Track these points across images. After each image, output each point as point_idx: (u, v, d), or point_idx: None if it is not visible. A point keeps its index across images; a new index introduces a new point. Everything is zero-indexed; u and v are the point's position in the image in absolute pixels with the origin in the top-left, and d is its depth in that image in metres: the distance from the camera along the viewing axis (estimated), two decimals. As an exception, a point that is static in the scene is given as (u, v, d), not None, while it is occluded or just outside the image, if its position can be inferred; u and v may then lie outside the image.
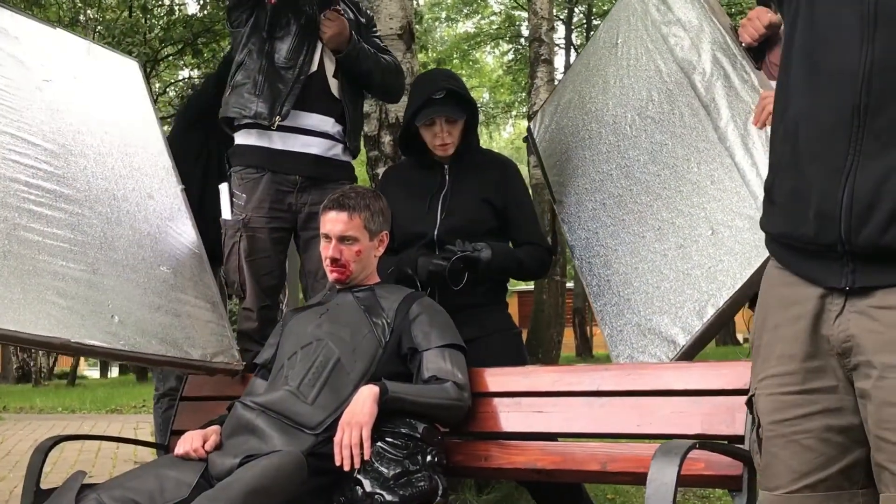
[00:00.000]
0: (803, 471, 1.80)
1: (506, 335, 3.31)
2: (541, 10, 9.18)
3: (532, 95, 9.13)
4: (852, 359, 1.74)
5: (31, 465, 2.86)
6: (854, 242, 1.69)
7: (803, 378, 1.80)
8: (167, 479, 2.55)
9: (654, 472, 1.94)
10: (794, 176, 1.79)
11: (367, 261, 3.01)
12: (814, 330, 1.79)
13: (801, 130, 1.77)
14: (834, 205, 1.69)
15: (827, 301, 1.78)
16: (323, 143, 3.71)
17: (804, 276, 1.81)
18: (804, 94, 1.78)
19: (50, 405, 13.47)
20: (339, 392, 2.73)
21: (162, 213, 3.50)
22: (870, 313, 1.71)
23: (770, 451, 1.85)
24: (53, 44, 3.61)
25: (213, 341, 3.22)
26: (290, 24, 3.66)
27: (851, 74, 1.68)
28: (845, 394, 1.77)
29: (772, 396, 1.86)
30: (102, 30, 16.88)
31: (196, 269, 3.45)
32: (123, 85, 3.89)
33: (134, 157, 3.59)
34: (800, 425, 1.80)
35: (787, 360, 1.83)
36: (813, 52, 1.77)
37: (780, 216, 1.85)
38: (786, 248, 1.86)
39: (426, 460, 2.58)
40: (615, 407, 2.62)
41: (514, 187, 3.43)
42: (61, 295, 2.78)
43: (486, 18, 25.21)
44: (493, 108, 26.29)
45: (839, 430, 1.77)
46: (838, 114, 1.70)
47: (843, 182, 1.69)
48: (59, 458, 6.88)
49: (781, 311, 1.86)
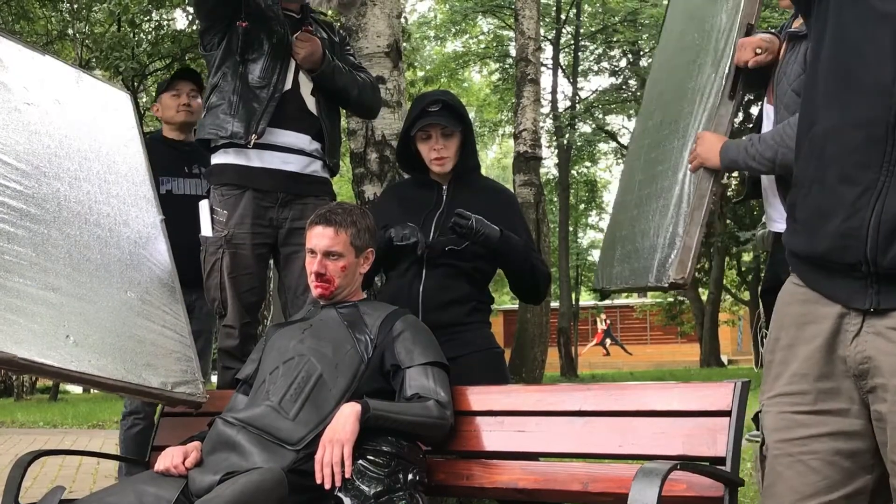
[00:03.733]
0: (807, 493, 1.77)
1: (487, 354, 3.30)
2: (528, 31, 9.23)
3: (518, 115, 9.15)
4: (869, 381, 1.72)
5: (10, 480, 2.84)
6: (880, 263, 1.67)
7: (815, 398, 1.78)
8: (146, 495, 2.53)
9: (635, 493, 1.94)
10: (819, 192, 1.76)
11: (352, 277, 3.01)
12: (829, 350, 1.77)
13: (829, 146, 1.74)
14: (861, 223, 1.67)
15: (844, 321, 1.76)
16: (301, 160, 3.72)
17: (825, 294, 1.79)
18: (833, 108, 1.75)
19: (31, 420, 13.35)
20: (321, 408, 2.72)
21: (136, 241, 3.46)
22: (887, 335, 1.69)
23: (775, 469, 1.83)
24: (40, 69, 3.57)
25: (175, 371, 3.15)
26: (262, 45, 3.68)
27: (885, 91, 1.65)
28: (857, 417, 1.75)
29: (781, 414, 1.83)
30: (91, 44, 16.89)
31: (165, 298, 3.39)
32: (111, 114, 3.86)
33: (113, 184, 3.55)
34: (807, 446, 1.78)
35: (800, 379, 1.80)
36: (843, 66, 1.74)
37: (803, 233, 1.82)
38: (807, 265, 1.83)
39: (408, 479, 2.57)
40: (597, 427, 2.61)
41: (510, 215, 3.40)
42: (14, 311, 2.70)
43: (474, 38, 25.32)
44: (481, 126, 26.38)
45: (847, 455, 1.76)
46: (870, 130, 1.67)
47: (872, 201, 1.66)
48: (39, 473, 6.83)
49: (797, 329, 1.84)
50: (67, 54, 18.20)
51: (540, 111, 10.31)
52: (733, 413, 2.36)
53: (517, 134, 9.15)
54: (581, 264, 29.98)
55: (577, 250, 29.16)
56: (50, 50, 16.18)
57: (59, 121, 3.49)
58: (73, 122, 3.57)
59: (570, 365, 22.53)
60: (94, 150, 3.58)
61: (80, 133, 3.57)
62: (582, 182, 27.97)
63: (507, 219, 3.35)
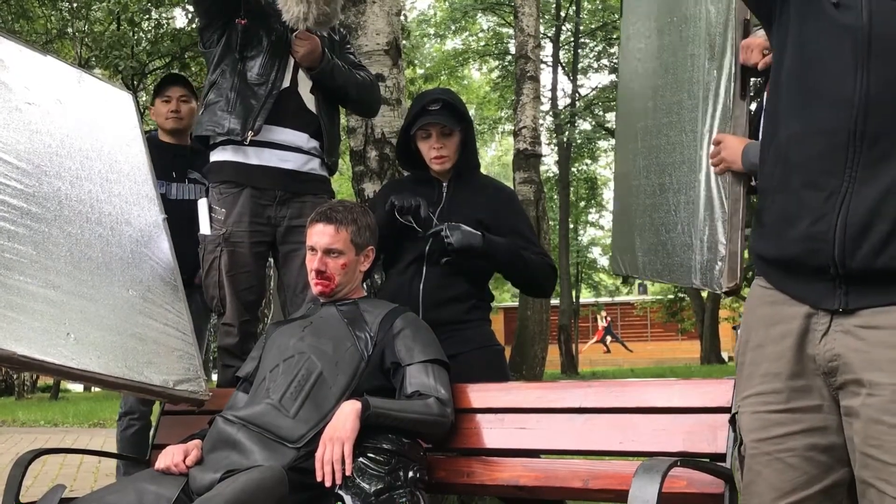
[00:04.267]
0: (786, 489, 1.80)
1: (487, 351, 3.29)
2: (527, 28, 9.23)
3: (518, 112, 9.15)
4: (838, 377, 1.75)
5: (11, 479, 2.84)
6: (848, 265, 1.70)
7: (788, 397, 1.81)
8: (147, 494, 2.53)
9: (635, 490, 1.94)
10: (785, 198, 1.80)
11: (352, 275, 3.01)
12: (799, 349, 1.80)
13: (793, 154, 1.78)
14: (828, 228, 1.71)
15: (812, 320, 1.79)
16: (299, 158, 3.71)
17: (793, 296, 1.82)
18: (796, 118, 1.78)
19: (32, 419, 13.38)
20: (322, 406, 2.72)
21: (138, 240, 3.46)
22: (855, 332, 1.72)
23: (753, 468, 1.86)
24: (42, 70, 3.56)
25: (178, 369, 3.15)
26: (261, 42, 3.68)
27: (846, 101, 1.69)
28: (829, 413, 1.78)
29: (756, 414, 1.86)
30: (90, 42, 16.89)
31: (167, 297, 3.39)
32: (113, 114, 3.85)
33: (115, 183, 3.54)
34: (783, 444, 1.81)
35: (772, 379, 1.84)
36: (804, 75, 1.78)
37: (769, 238, 1.86)
38: (774, 268, 1.87)
39: (408, 476, 2.57)
40: (598, 424, 2.62)
41: (510, 212, 3.40)
42: (14, 309, 2.69)
43: (474, 35, 25.32)
44: (480, 124, 26.37)
45: (822, 449, 1.79)
46: (833, 139, 1.71)
47: (837, 206, 1.70)
48: (40, 472, 6.84)
49: (765, 329, 1.87)
50: (67, 53, 18.22)
51: (540, 108, 10.30)
52: (734, 410, 2.36)
53: (517, 131, 9.15)
54: (581, 262, 30.00)
55: (577, 248, 29.18)
56: (50, 49, 16.22)
57: (60, 120, 3.48)
58: (75, 122, 3.56)
59: (570, 362, 22.54)
60: (95, 150, 3.57)
61: (81, 132, 3.56)
62: (582, 179, 27.97)
63: (507, 216, 3.35)
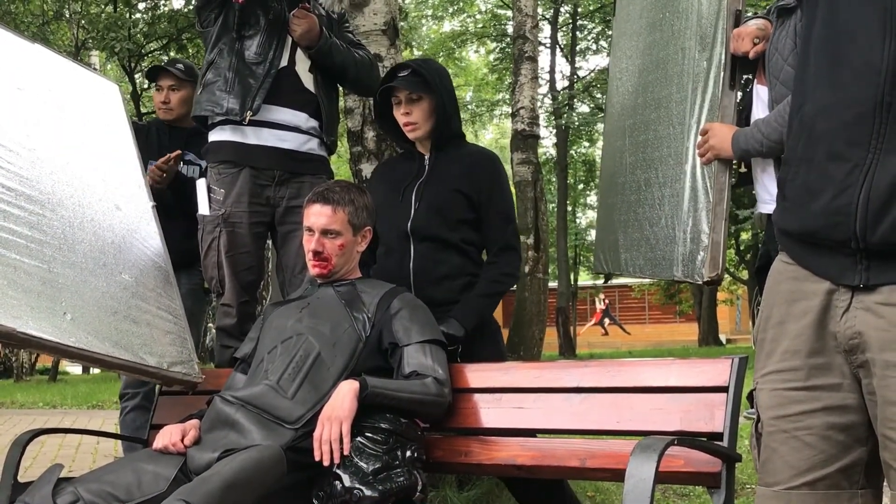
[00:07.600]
0: (803, 468, 1.80)
1: (484, 331, 3.28)
2: (525, 8, 9.17)
3: (516, 93, 9.11)
4: (859, 356, 1.74)
5: (9, 459, 2.85)
6: (869, 239, 1.68)
7: (807, 374, 1.80)
8: (145, 473, 2.54)
9: (632, 468, 1.94)
10: (808, 170, 1.79)
11: (350, 255, 3.00)
12: (820, 326, 1.79)
13: (819, 124, 1.76)
14: (850, 200, 1.69)
15: (834, 297, 1.78)
16: (297, 138, 3.71)
17: (814, 271, 1.81)
18: (824, 87, 1.77)
19: (31, 400, 13.37)
20: (320, 387, 2.72)
21: (128, 225, 3.46)
22: (876, 310, 1.71)
23: (770, 446, 1.85)
24: (31, 58, 3.58)
25: (171, 351, 3.15)
26: (258, 21, 3.67)
27: (874, 70, 1.67)
28: (850, 391, 1.77)
29: (775, 391, 1.85)
30: (87, 24, 16.81)
31: (160, 281, 3.39)
32: (101, 103, 3.87)
33: (105, 170, 3.56)
34: (801, 422, 1.80)
35: (792, 356, 1.83)
36: (834, 46, 1.76)
37: (792, 211, 1.84)
38: (796, 242, 1.85)
39: (406, 456, 2.58)
40: (595, 403, 2.62)
41: (490, 179, 3.30)
42: (12, 286, 2.69)
43: (472, 17, 25.22)
44: (478, 106, 26.29)
45: (841, 429, 1.78)
46: (860, 109, 1.69)
47: (861, 178, 1.68)
48: (39, 453, 6.86)
49: (787, 306, 1.86)
50: (63, 35, 18.14)
51: (538, 89, 10.27)
52: (731, 389, 2.36)
53: (515, 112, 9.10)
54: (579, 244, 29.97)
55: (575, 230, 29.15)
56: (46, 30, 16.16)
57: (50, 107, 3.49)
58: (64, 110, 3.58)
59: (568, 344, 22.54)
60: (85, 136, 3.59)
61: (71, 120, 3.58)
62: (580, 162, 27.90)
63: (486, 183, 3.29)
